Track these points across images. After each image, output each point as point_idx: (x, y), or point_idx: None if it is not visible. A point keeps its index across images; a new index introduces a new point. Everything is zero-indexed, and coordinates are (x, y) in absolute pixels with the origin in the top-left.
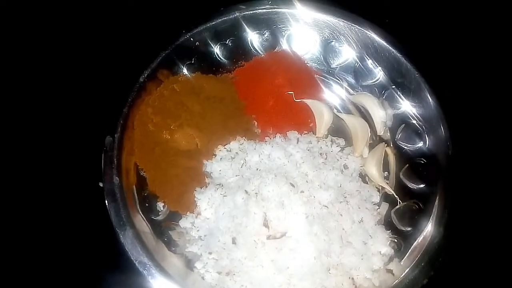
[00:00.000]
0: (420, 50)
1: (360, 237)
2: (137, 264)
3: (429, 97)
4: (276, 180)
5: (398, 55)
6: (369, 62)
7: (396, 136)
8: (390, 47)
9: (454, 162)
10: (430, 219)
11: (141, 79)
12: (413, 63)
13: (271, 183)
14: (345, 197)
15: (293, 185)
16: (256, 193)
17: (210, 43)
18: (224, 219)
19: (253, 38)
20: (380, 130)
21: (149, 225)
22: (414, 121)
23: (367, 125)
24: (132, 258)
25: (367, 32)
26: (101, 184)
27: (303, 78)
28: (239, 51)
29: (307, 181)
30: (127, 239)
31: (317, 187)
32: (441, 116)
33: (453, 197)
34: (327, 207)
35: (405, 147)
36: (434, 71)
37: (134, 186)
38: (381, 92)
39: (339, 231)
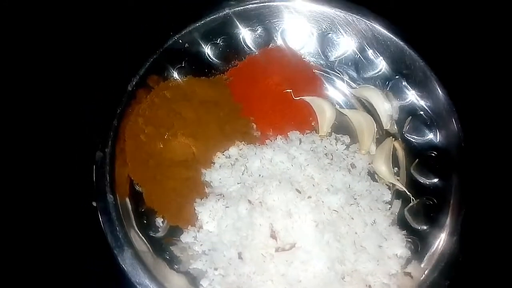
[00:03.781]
0: (423, 36)
1: (374, 240)
2: (138, 287)
3: (436, 86)
4: (280, 187)
5: (400, 43)
6: (370, 53)
7: (404, 129)
8: (391, 35)
9: (467, 152)
10: (447, 215)
11: (129, 88)
12: (416, 50)
13: (276, 190)
14: (355, 199)
15: (299, 191)
16: (260, 202)
17: (201, 43)
18: (228, 232)
19: (246, 35)
20: (387, 124)
21: (148, 243)
22: (422, 112)
23: (372, 119)
24: (132, 280)
25: (366, 20)
26: (94, 204)
27: (301, 75)
28: (232, 50)
29: (313, 185)
30: (125, 260)
31: (325, 190)
32: (450, 105)
33: (469, 190)
34: (337, 211)
35: (414, 140)
36: (439, 58)
37: (129, 202)
38: (384, 83)
39: (352, 236)
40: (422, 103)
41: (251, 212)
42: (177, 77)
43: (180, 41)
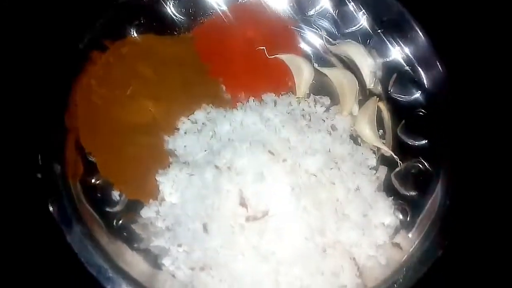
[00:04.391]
0: None
1: (358, 207)
2: (89, 269)
3: (422, 38)
4: (251, 149)
5: None
6: (350, 6)
7: (389, 88)
8: None
9: (457, 110)
10: (438, 179)
11: (80, 46)
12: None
13: (246, 153)
14: (336, 163)
15: (272, 153)
16: (228, 167)
17: None
18: (192, 202)
19: None
20: (370, 83)
21: (102, 219)
22: (407, 68)
23: (355, 77)
24: (82, 260)
25: None
26: (39, 175)
27: (274, 31)
28: (197, 6)
29: (289, 148)
30: (74, 238)
31: (302, 153)
32: (438, 60)
33: (461, 150)
34: (315, 175)
35: (400, 99)
36: (426, 8)
37: (80, 174)
38: (366, 39)
39: (333, 203)
40: (407, 58)
41: (217, 178)
42: (136, 35)
43: None
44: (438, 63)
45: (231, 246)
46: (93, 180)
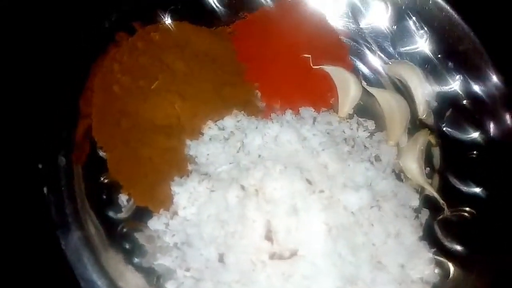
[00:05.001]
0: (481, 9)
1: (396, 257)
2: (81, 283)
3: (491, 73)
4: (286, 173)
5: (453, 14)
6: (411, 22)
7: (443, 122)
8: (442, 3)
9: None
10: (489, 235)
11: (106, 25)
12: (471, 26)
13: (279, 177)
14: (377, 200)
15: (309, 182)
16: (256, 190)
17: None
18: (209, 224)
19: None
20: (423, 112)
21: (104, 225)
22: (467, 103)
23: (406, 103)
24: (74, 272)
25: None
26: (40, 166)
27: (323, 39)
28: None
29: (327, 177)
30: (69, 245)
31: (342, 185)
32: (505, 98)
33: None
34: (353, 214)
35: (455, 137)
36: (498, 37)
37: (87, 170)
38: (424, 62)
39: (369, 248)
40: (468, 92)
41: (243, 202)
42: (169, 21)
43: None
44: (504, 104)
45: (249, 285)
46: (100, 179)
